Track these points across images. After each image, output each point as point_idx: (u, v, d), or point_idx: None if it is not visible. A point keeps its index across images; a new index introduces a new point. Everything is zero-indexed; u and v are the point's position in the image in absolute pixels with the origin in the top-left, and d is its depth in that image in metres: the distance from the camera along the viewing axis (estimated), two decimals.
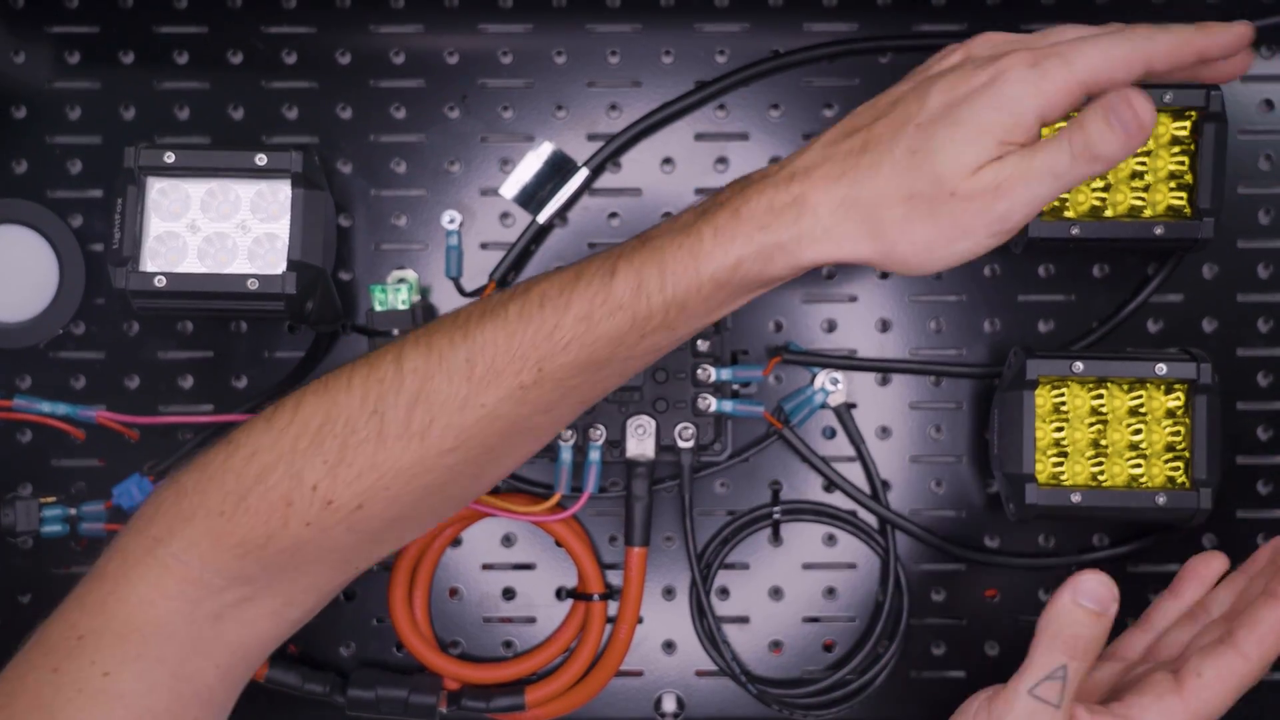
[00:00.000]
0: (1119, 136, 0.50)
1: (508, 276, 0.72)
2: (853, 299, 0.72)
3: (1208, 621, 0.60)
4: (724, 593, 0.73)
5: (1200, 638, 0.58)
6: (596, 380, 0.57)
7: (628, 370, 0.58)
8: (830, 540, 0.72)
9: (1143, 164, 0.66)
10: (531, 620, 0.73)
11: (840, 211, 0.53)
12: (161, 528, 0.55)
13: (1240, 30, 0.54)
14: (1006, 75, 0.51)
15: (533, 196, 0.72)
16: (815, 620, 0.73)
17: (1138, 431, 0.66)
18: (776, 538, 0.73)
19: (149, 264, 0.66)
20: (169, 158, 0.65)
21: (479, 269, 0.72)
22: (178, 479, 0.57)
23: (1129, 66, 0.51)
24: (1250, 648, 0.54)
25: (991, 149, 0.51)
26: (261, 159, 0.65)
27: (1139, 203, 0.67)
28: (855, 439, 0.72)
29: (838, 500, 0.72)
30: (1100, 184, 0.67)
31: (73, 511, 0.70)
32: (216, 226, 0.66)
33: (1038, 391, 0.66)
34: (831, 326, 0.73)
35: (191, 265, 0.66)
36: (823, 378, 0.71)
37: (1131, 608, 0.69)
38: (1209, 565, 0.62)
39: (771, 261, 0.54)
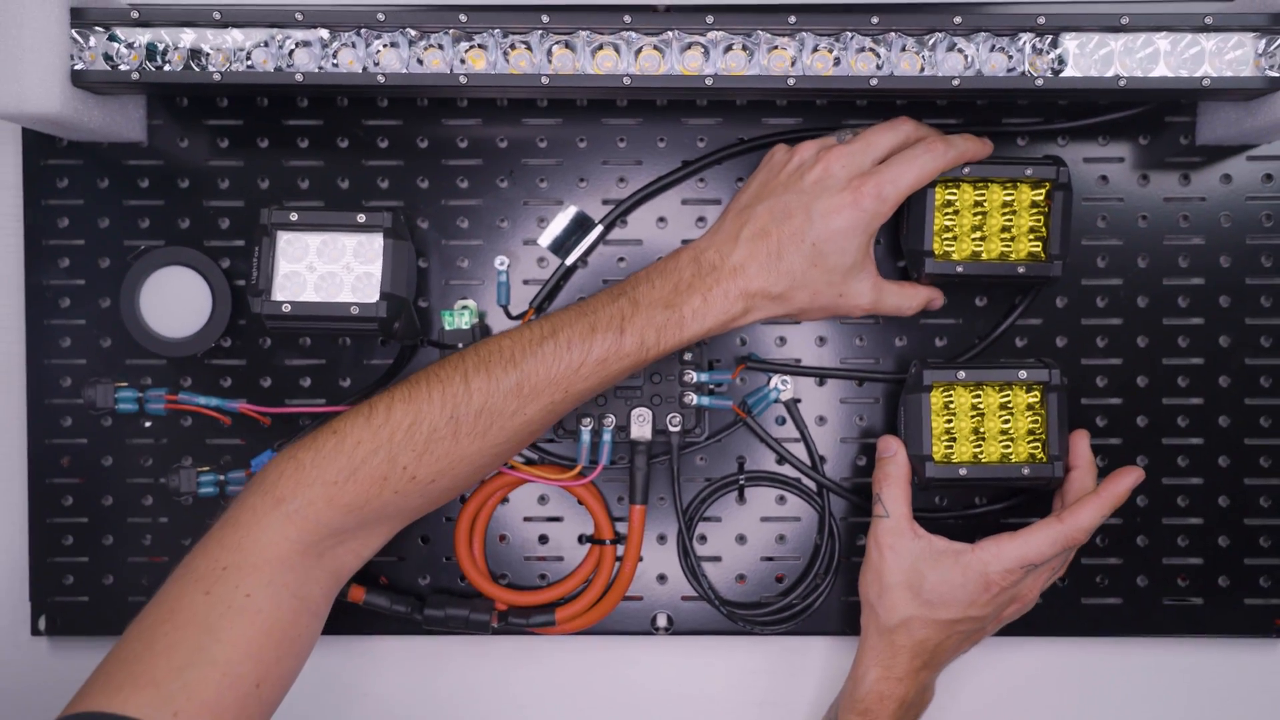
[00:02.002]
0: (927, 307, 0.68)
1: (543, 305, 0.72)
2: (797, 322, 0.72)
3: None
4: (703, 539, 0.73)
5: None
6: (599, 393, 0.64)
7: (616, 384, 0.64)
8: (781, 500, 0.73)
9: (1009, 221, 0.66)
10: (560, 559, 0.73)
11: (770, 306, 0.63)
12: (285, 490, 0.57)
13: (987, 146, 0.65)
14: (861, 200, 0.60)
15: (562, 245, 0.72)
16: (770, 559, 0.73)
17: (1007, 421, 0.67)
18: (741, 498, 0.73)
19: (278, 295, 0.66)
20: (293, 216, 0.66)
21: (522, 298, 0.72)
22: (294, 455, 0.58)
23: (927, 179, 0.63)
24: (1106, 494, 0.63)
25: (862, 253, 0.63)
26: (361, 218, 0.66)
27: (1007, 249, 0.67)
28: (800, 425, 0.72)
29: (787, 470, 0.73)
30: (979, 235, 0.67)
31: (221, 478, 0.70)
32: (328, 267, 0.67)
33: (932, 394, 0.66)
34: (782, 342, 0.73)
35: (309, 296, 0.66)
36: (776, 380, 0.72)
37: None
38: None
39: (727, 327, 0.63)
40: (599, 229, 0.72)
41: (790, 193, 0.62)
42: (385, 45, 0.65)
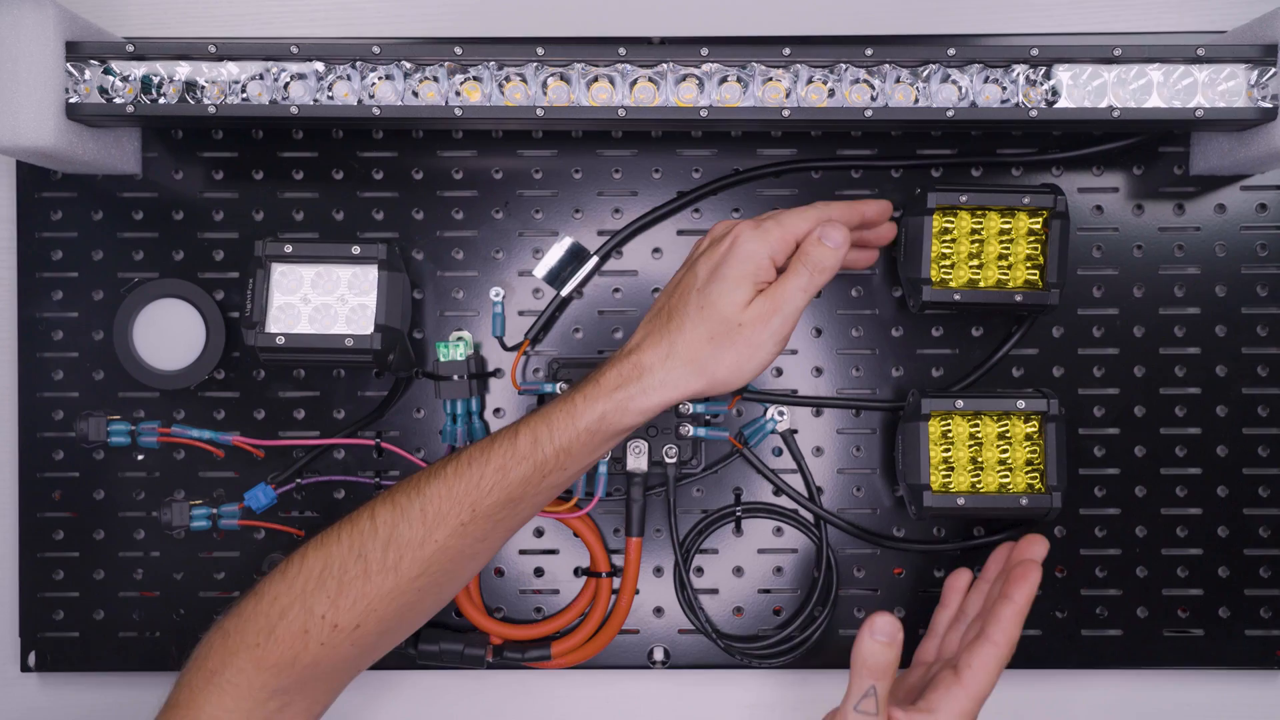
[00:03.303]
0: (830, 250, 0.56)
1: (538, 336, 0.71)
2: (794, 351, 0.72)
3: (968, 622, 0.62)
4: (699, 571, 0.72)
5: (965, 635, 0.61)
6: (515, 513, 0.59)
7: (537, 503, 0.60)
8: (778, 531, 0.72)
9: (1007, 249, 0.66)
10: (556, 592, 0.72)
11: (668, 365, 0.57)
12: (216, 662, 0.56)
13: (884, 204, 0.61)
14: (740, 238, 0.56)
15: (557, 276, 0.72)
16: (767, 591, 0.72)
17: (1005, 450, 0.66)
18: (738, 530, 0.72)
19: (272, 327, 0.66)
20: (288, 248, 0.66)
21: (517, 330, 0.72)
22: (221, 625, 0.57)
23: (812, 221, 0.58)
24: (999, 637, 0.56)
25: (750, 289, 0.57)
26: (356, 249, 0.66)
27: (1004, 277, 0.67)
28: (797, 456, 0.71)
29: (784, 502, 0.72)
30: (976, 263, 0.67)
31: (214, 511, 0.70)
32: (322, 299, 0.66)
33: (930, 422, 0.66)
34: (779, 372, 0.72)
35: (304, 328, 0.66)
36: (772, 410, 0.71)
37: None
38: (960, 579, 0.64)
39: (627, 411, 0.57)
40: (594, 260, 0.72)
41: (685, 266, 0.61)
42: (380, 78, 0.65)
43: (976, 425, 0.67)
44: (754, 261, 0.57)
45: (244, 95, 0.65)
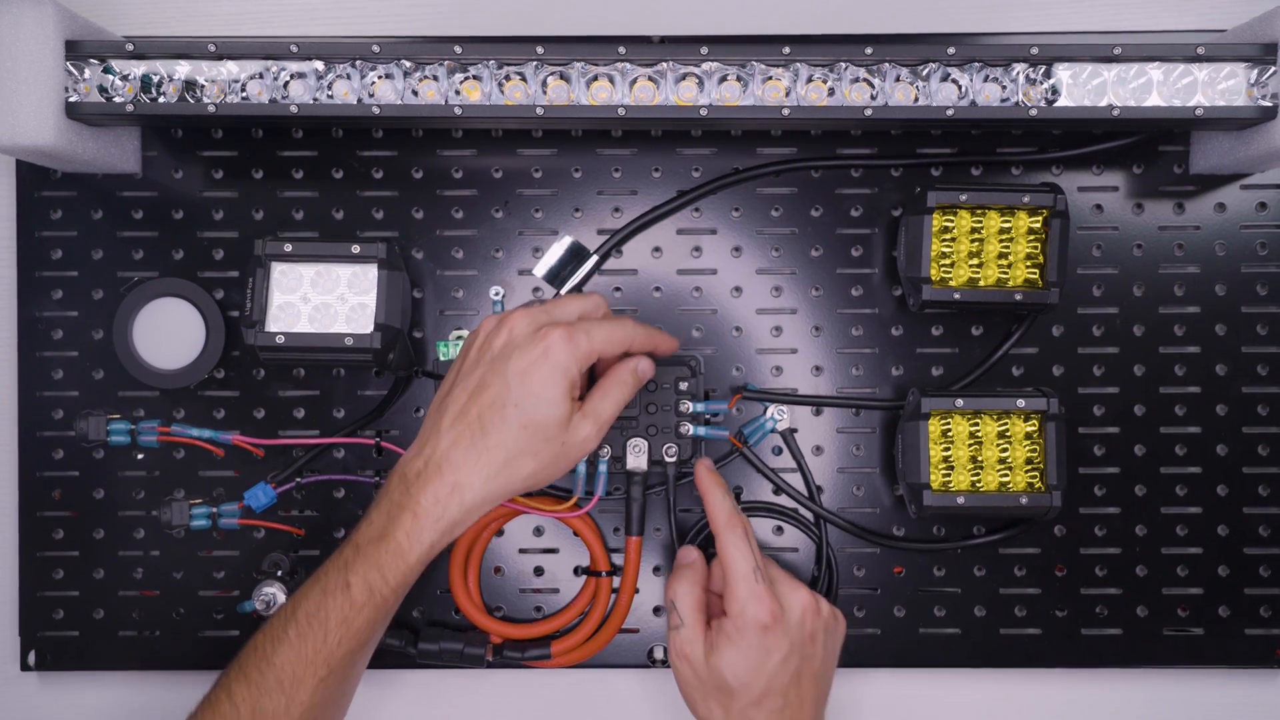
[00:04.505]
0: (643, 379, 0.63)
1: None
2: (794, 350, 0.72)
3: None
4: None
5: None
6: (368, 650, 0.61)
7: (384, 629, 0.61)
8: (779, 530, 0.72)
9: (1006, 248, 0.66)
10: (555, 591, 0.72)
11: (493, 483, 0.58)
12: None
13: (674, 342, 0.65)
14: (553, 348, 0.57)
15: (557, 275, 0.72)
16: None
17: (1005, 450, 0.66)
18: None
19: (272, 326, 0.66)
20: (287, 247, 0.66)
21: None
22: None
23: (618, 343, 0.61)
24: (719, 518, 0.63)
25: (570, 404, 0.59)
26: (356, 249, 0.66)
27: (1004, 276, 0.67)
28: (796, 455, 0.71)
29: (784, 501, 0.72)
30: (976, 262, 0.67)
31: (214, 510, 0.70)
32: (322, 298, 0.66)
33: (930, 421, 0.66)
34: (779, 371, 0.72)
35: (304, 327, 0.66)
36: (772, 409, 0.71)
37: (1002, 581, 0.71)
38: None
39: (454, 533, 0.59)
40: (594, 259, 0.72)
41: (481, 365, 0.60)
42: (380, 77, 0.65)
43: (976, 424, 0.67)
44: (568, 376, 0.58)
45: (244, 94, 0.65)
